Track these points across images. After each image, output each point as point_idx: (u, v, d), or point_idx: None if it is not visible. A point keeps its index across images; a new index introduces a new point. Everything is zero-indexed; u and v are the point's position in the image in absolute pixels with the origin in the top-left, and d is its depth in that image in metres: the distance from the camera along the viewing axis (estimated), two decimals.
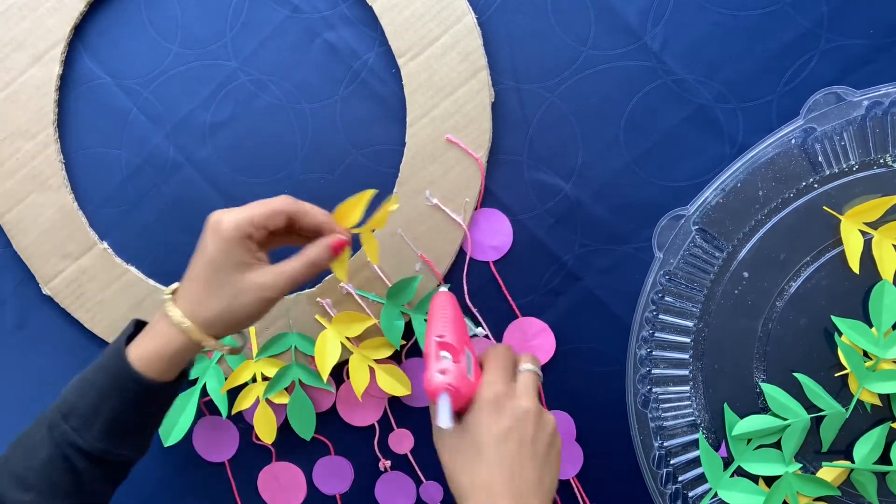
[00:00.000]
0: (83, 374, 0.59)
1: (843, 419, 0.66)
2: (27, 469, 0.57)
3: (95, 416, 0.57)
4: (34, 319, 0.79)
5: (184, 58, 0.75)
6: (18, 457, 0.57)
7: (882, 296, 0.65)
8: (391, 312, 0.72)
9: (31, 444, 0.58)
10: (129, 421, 0.59)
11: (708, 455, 0.67)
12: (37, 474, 0.56)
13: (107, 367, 0.58)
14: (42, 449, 0.57)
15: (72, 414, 0.57)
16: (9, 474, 0.57)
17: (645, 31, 0.69)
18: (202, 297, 0.57)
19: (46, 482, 0.56)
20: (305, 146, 0.74)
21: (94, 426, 0.57)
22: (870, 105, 0.64)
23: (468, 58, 0.70)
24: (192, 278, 0.58)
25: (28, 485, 0.56)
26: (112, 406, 0.57)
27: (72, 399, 0.58)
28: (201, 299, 0.57)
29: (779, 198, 0.67)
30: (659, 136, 0.70)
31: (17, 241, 0.76)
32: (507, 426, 0.57)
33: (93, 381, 0.58)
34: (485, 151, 0.71)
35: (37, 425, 0.59)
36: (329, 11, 0.73)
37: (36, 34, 0.74)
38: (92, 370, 0.59)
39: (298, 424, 0.75)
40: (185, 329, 0.57)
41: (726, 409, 0.68)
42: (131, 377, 0.57)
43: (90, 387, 0.58)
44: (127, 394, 0.57)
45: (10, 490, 0.56)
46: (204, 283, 0.57)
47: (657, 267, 0.68)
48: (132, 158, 0.76)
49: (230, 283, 0.56)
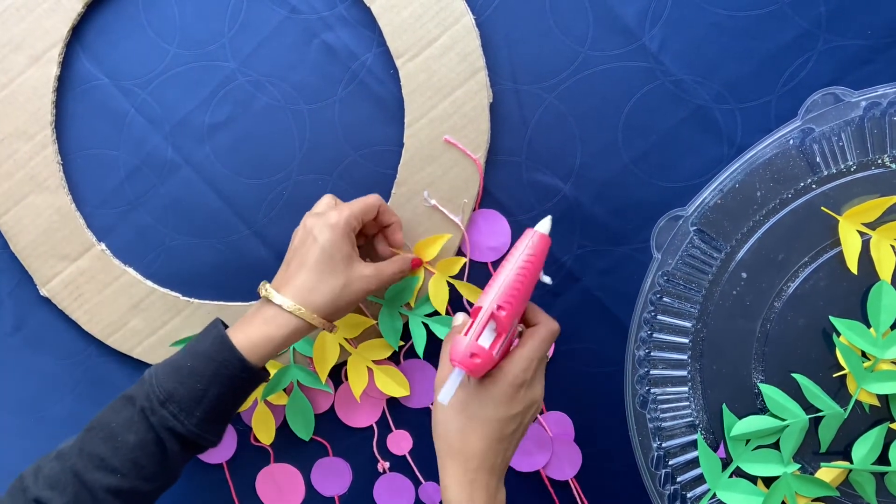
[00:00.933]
0: (178, 365, 0.61)
1: (842, 420, 0.66)
2: (111, 451, 0.59)
3: (198, 402, 0.60)
4: (32, 321, 0.79)
5: (182, 59, 0.75)
6: (98, 440, 0.59)
7: (880, 296, 0.65)
8: (390, 314, 0.72)
9: (114, 428, 0.60)
10: (227, 406, 0.62)
11: (707, 456, 0.67)
12: (122, 457, 0.59)
13: (211, 356, 0.61)
14: (130, 433, 0.59)
15: (171, 400, 0.60)
16: (88, 456, 0.59)
17: (643, 32, 0.69)
18: (314, 284, 0.61)
19: (132, 465, 0.59)
20: (304, 147, 0.74)
21: (195, 412, 0.60)
22: (868, 106, 0.64)
23: (466, 59, 0.70)
24: (300, 268, 0.62)
25: (111, 467, 0.59)
26: (217, 392, 0.61)
27: (170, 386, 0.60)
28: (313, 286, 0.61)
29: (777, 198, 0.67)
30: (657, 137, 0.70)
31: (15, 242, 0.76)
32: (518, 411, 0.59)
33: (195, 369, 0.61)
34: (483, 152, 0.71)
35: (116, 411, 0.60)
36: (327, 12, 0.73)
37: (34, 35, 0.74)
38: (189, 358, 0.61)
39: (297, 425, 0.75)
40: (300, 314, 0.61)
41: (725, 411, 0.68)
42: (241, 365, 0.61)
43: (191, 374, 0.60)
44: (234, 381, 0.61)
45: (92, 472, 0.58)
46: (317, 272, 0.61)
47: (655, 268, 0.68)
48: (130, 159, 0.76)
49: (342, 271, 0.62)
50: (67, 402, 0.79)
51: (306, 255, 0.62)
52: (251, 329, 0.62)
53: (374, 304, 0.73)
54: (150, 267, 0.76)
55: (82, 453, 0.59)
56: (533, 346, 0.60)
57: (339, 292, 0.62)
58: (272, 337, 0.62)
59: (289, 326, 0.62)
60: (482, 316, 0.58)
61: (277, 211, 0.75)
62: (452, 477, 0.58)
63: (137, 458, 0.59)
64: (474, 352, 0.57)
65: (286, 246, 0.66)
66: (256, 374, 0.62)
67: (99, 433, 0.60)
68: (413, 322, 0.72)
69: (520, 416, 0.60)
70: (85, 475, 0.58)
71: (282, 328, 0.62)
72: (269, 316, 0.62)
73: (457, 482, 0.58)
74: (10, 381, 0.80)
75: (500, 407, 0.58)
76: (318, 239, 0.62)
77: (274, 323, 0.62)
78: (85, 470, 0.58)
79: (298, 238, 0.64)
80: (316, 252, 0.62)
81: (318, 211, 0.65)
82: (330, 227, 0.62)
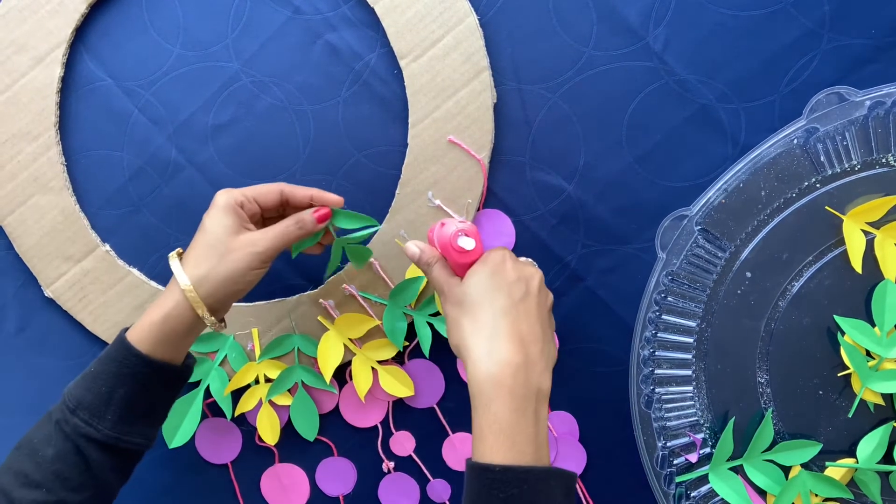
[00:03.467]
0: (85, 372, 0.62)
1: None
2: (34, 467, 0.59)
3: (107, 405, 0.60)
4: (36, 322, 0.79)
5: (185, 59, 0.74)
6: (23, 457, 0.59)
7: (885, 295, 0.65)
8: (394, 314, 0.72)
9: (35, 444, 0.60)
10: (140, 405, 0.61)
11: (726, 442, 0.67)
12: (44, 471, 0.58)
13: (112, 356, 0.61)
14: (49, 446, 0.59)
15: (80, 407, 0.60)
16: (14, 474, 0.59)
17: (647, 32, 0.69)
18: (196, 259, 0.61)
19: (55, 477, 0.58)
20: (307, 148, 0.74)
21: (106, 415, 0.60)
22: (872, 105, 0.64)
23: (470, 59, 0.70)
24: (190, 247, 0.63)
25: (35, 482, 0.58)
26: (123, 392, 0.60)
27: (78, 393, 0.60)
28: (195, 262, 0.61)
29: (781, 198, 0.67)
30: (661, 137, 0.70)
31: (19, 243, 0.76)
32: (513, 279, 0.59)
33: (98, 372, 0.61)
34: (487, 152, 0.71)
35: (39, 427, 0.61)
36: (331, 13, 0.73)
37: (37, 36, 0.74)
38: (95, 365, 0.61)
39: (301, 426, 0.75)
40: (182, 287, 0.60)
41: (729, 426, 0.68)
42: (140, 360, 0.60)
43: (96, 378, 0.60)
44: (138, 377, 0.60)
45: (16, 489, 0.58)
46: (196, 244, 0.62)
47: (660, 267, 0.68)
48: (134, 160, 0.76)
49: (221, 243, 0.61)
50: None
51: (195, 237, 0.63)
52: (146, 317, 0.61)
53: (378, 305, 0.73)
54: (155, 268, 0.76)
55: (9, 471, 0.59)
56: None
57: (218, 262, 0.61)
58: (154, 320, 0.60)
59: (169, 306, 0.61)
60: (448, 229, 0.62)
61: None
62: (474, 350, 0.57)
63: (58, 469, 0.58)
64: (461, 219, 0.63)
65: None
66: (162, 369, 0.61)
67: (24, 450, 0.60)
68: (418, 322, 0.72)
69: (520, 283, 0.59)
70: (12, 493, 0.58)
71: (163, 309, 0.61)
72: (157, 300, 0.62)
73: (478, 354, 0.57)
74: (15, 382, 0.80)
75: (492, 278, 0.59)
76: (203, 219, 0.63)
77: (157, 307, 0.61)
78: (11, 487, 0.58)
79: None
80: (199, 230, 0.63)
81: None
82: (213, 205, 0.63)
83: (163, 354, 0.61)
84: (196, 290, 0.61)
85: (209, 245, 0.61)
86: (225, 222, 0.62)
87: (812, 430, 0.68)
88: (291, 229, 0.63)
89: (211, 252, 0.61)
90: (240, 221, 0.62)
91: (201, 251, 0.62)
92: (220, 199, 0.63)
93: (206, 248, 0.61)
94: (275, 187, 0.65)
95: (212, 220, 0.62)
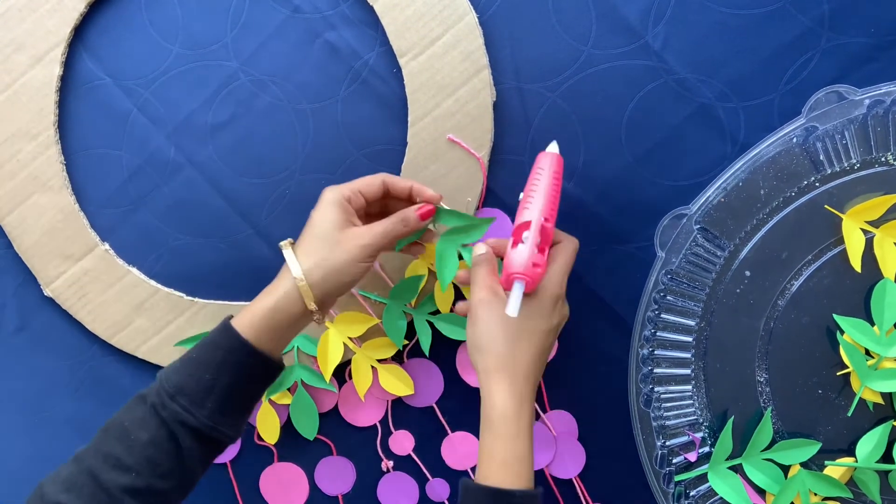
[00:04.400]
0: (185, 358, 0.61)
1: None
2: (125, 451, 0.58)
3: (208, 393, 0.60)
4: (35, 321, 0.79)
5: (184, 58, 0.74)
6: (112, 440, 0.59)
7: (884, 294, 0.65)
8: (394, 312, 0.72)
9: (126, 427, 0.59)
10: (238, 396, 0.62)
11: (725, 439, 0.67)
12: (136, 455, 0.58)
13: (218, 344, 0.61)
14: (143, 431, 0.59)
15: (180, 393, 0.59)
16: (103, 456, 0.59)
17: (646, 31, 0.69)
18: (306, 251, 0.63)
19: (147, 462, 0.59)
20: (307, 146, 0.74)
21: (206, 403, 0.60)
22: (871, 104, 0.64)
23: (469, 57, 0.70)
24: (299, 241, 0.64)
25: (126, 466, 0.58)
26: (226, 382, 0.60)
27: (179, 380, 0.60)
28: (305, 253, 0.63)
29: (780, 197, 0.67)
30: (660, 136, 0.70)
31: (19, 242, 0.76)
32: (556, 324, 0.64)
33: (202, 359, 0.61)
34: (487, 151, 0.71)
35: (129, 410, 0.60)
36: (330, 11, 0.73)
37: (36, 35, 0.74)
38: (197, 351, 0.61)
39: (301, 425, 0.75)
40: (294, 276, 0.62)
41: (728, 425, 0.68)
42: (247, 350, 0.61)
43: (199, 365, 0.60)
44: (243, 368, 0.61)
45: (105, 472, 0.58)
46: (306, 236, 0.63)
47: (659, 266, 0.68)
48: (133, 159, 0.76)
49: (329, 237, 0.63)
50: (71, 403, 0.79)
51: (303, 232, 0.64)
52: (254, 306, 0.62)
53: (378, 304, 0.73)
54: (154, 267, 0.76)
55: (97, 454, 0.59)
56: (563, 261, 0.64)
57: (327, 255, 0.62)
58: (264, 309, 0.61)
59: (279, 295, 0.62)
60: (535, 227, 0.61)
61: (280, 210, 0.75)
62: (501, 391, 0.61)
63: (151, 455, 0.59)
64: (535, 262, 0.60)
65: None
66: (266, 361, 0.62)
67: (113, 433, 0.59)
68: (418, 321, 0.72)
69: (555, 330, 0.64)
70: (101, 476, 0.58)
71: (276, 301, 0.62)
72: (268, 289, 0.63)
73: (507, 395, 0.61)
74: (14, 381, 0.80)
75: (543, 319, 0.63)
76: (315, 209, 0.64)
77: (268, 296, 0.62)
78: (100, 470, 0.58)
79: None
80: (310, 222, 0.64)
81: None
82: (321, 200, 0.64)
83: (266, 346, 0.62)
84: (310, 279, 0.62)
85: (318, 238, 0.63)
86: (333, 217, 0.63)
87: (811, 429, 0.68)
88: (397, 226, 0.65)
89: (320, 245, 0.62)
90: (347, 216, 0.64)
91: (311, 244, 0.63)
92: (328, 195, 0.64)
93: (315, 240, 0.63)
94: (377, 178, 0.66)
95: (320, 214, 0.63)
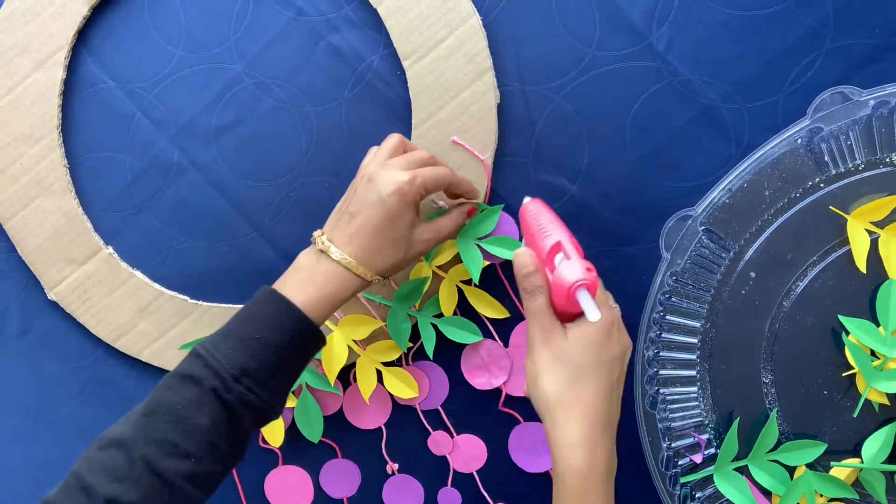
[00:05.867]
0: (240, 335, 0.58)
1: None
2: (183, 436, 0.55)
3: (273, 373, 0.58)
4: (39, 325, 0.79)
5: (188, 61, 0.74)
6: (165, 426, 0.55)
7: (889, 295, 0.65)
8: (398, 315, 0.72)
9: (180, 412, 0.56)
10: (294, 376, 0.61)
11: (731, 440, 0.67)
12: (197, 440, 0.55)
13: (283, 325, 0.59)
14: (202, 415, 0.56)
15: (245, 374, 0.57)
16: (157, 444, 0.55)
17: (650, 32, 0.69)
18: (377, 246, 0.61)
19: (208, 447, 0.56)
20: (310, 149, 0.74)
21: (269, 383, 0.58)
22: (876, 104, 0.64)
23: (473, 59, 0.70)
24: (362, 228, 0.61)
25: (185, 452, 0.55)
26: (292, 363, 0.60)
27: (242, 361, 0.57)
28: (376, 249, 0.61)
29: (785, 198, 0.67)
30: (665, 137, 0.70)
31: (22, 246, 0.76)
32: (617, 353, 0.59)
33: (266, 340, 0.58)
34: (491, 153, 0.71)
35: (176, 393, 0.57)
36: (333, 14, 0.73)
37: (39, 39, 0.74)
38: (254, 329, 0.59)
39: (306, 428, 0.75)
40: (361, 273, 0.61)
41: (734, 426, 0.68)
42: (313, 332, 0.60)
43: (265, 346, 0.58)
44: (305, 348, 0.61)
45: (162, 459, 0.54)
46: (380, 235, 0.61)
47: (664, 268, 0.68)
48: (136, 162, 0.76)
49: (405, 237, 0.63)
50: (75, 406, 0.79)
51: (370, 216, 0.61)
52: (312, 290, 0.60)
53: (382, 306, 0.73)
54: (158, 270, 0.76)
55: (149, 441, 0.55)
56: (601, 290, 0.61)
57: (403, 257, 0.63)
58: (336, 297, 0.61)
59: (350, 288, 0.62)
60: (569, 240, 0.61)
61: (284, 213, 0.75)
62: (568, 435, 0.57)
63: (213, 439, 0.56)
64: (588, 266, 0.58)
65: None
66: (322, 341, 0.62)
67: (165, 418, 0.56)
68: (422, 323, 0.72)
69: (620, 360, 0.59)
70: (159, 464, 0.54)
71: (344, 289, 0.61)
72: (330, 275, 0.61)
73: (576, 438, 0.56)
74: (18, 384, 0.80)
75: (602, 349, 0.58)
76: (385, 203, 0.61)
77: (338, 282, 0.61)
78: (158, 458, 0.54)
79: (362, 188, 0.62)
80: (381, 216, 0.61)
81: (387, 161, 0.64)
82: (399, 195, 0.61)
83: (320, 324, 0.61)
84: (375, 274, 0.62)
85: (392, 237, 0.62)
86: (409, 216, 0.62)
87: (817, 430, 0.68)
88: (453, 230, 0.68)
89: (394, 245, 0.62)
90: (417, 214, 0.63)
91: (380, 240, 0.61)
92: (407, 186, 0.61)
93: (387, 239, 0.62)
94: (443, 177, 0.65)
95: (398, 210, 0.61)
